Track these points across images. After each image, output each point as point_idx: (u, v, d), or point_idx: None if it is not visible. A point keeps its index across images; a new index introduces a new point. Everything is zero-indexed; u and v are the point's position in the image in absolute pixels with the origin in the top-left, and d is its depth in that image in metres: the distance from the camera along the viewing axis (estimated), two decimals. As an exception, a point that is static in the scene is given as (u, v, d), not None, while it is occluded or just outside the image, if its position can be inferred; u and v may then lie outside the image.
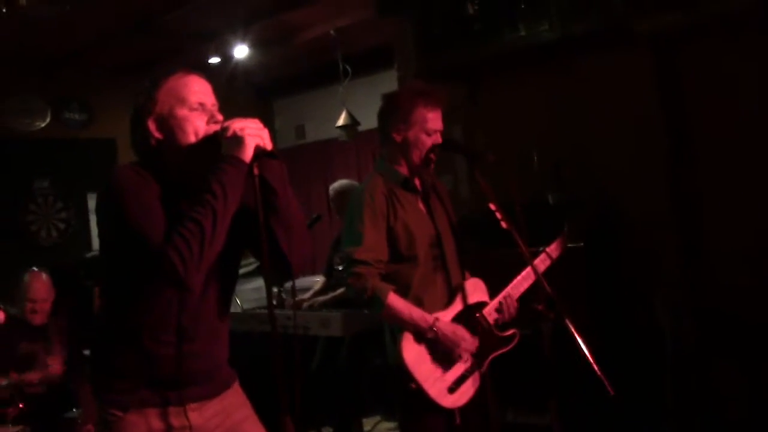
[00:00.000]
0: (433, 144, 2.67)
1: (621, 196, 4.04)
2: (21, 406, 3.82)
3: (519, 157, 4.19)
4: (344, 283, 2.71)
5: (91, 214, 6.39)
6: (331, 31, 5.70)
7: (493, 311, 2.72)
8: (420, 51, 4.55)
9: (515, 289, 2.76)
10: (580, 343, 2.37)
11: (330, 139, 6.81)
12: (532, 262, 2.60)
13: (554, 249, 2.91)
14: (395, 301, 2.55)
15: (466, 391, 2.63)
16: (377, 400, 4.74)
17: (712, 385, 3.68)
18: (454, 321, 2.64)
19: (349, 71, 6.10)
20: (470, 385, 2.64)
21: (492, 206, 2.55)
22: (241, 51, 5.77)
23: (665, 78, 3.95)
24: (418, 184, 2.75)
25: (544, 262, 2.83)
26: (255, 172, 1.82)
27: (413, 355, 2.55)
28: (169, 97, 1.89)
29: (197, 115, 1.89)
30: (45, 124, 6.29)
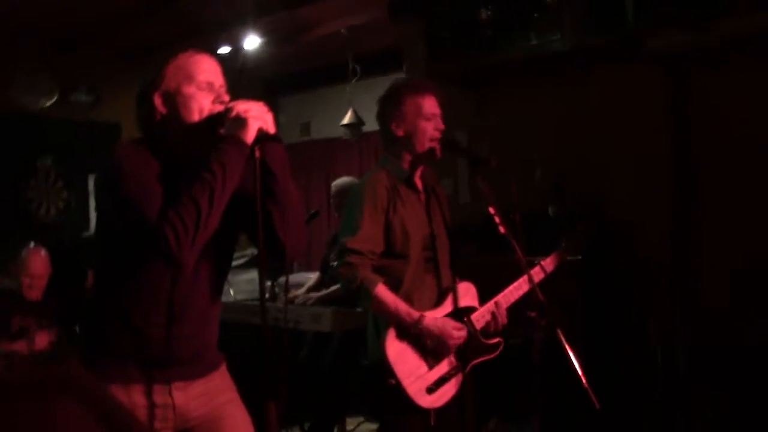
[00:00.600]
0: (440, 132, 2.65)
1: (621, 212, 4.03)
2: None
3: (522, 167, 4.19)
4: (335, 273, 2.69)
5: (91, 195, 6.40)
6: (343, 30, 5.71)
7: (481, 318, 2.69)
8: (430, 54, 4.55)
9: (506, 298, 2.73)
10: (569, 353, 2.36)
11: (334, 137, 6.82)
12: (528, 270, 2.57)
13: (549, 263, 2.88)
14: (383, 293, 2.52)
15: (446, 393, 2.59)
16: (362, 401, 4.72)
17: (697, 412, 3.67)
18: None
19: (358, 71, 6.10)
20: (450, 388, 2.61)
21: (491, 210, 2.53)
22: (251, 42, 5.76)
23: (673, 97, 3.95)
24: (420, 184, 2.74)
25: (538, 275, 2.78)
26: (256, 154, 1.81)
27: (395, 351, 2.52)
28: (178, 73, 1.89)
29: (204, 95, 1.88)
30: (52, 103, 6.29)
